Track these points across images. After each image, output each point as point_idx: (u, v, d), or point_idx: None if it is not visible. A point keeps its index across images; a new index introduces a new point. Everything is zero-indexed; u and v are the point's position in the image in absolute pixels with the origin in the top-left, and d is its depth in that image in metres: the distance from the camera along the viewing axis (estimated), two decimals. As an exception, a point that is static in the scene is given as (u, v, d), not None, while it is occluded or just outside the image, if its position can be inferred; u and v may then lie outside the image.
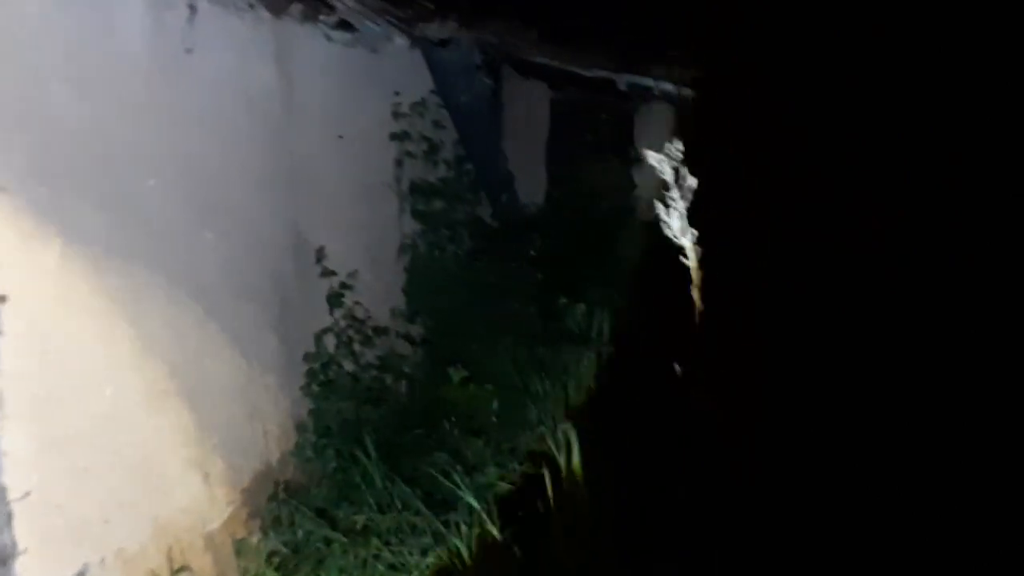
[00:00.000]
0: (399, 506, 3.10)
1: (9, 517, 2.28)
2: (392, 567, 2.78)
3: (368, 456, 3.27)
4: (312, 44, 4.24)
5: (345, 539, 2.91)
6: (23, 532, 2.30)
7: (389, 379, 4.17)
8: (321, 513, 3.09)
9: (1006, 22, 3.28)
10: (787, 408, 3.27)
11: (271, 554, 2.92)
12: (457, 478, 3.10)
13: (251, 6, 3.42)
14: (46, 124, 2.48)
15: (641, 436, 3.28)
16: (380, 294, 4.56)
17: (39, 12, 2.49)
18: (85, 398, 2.54)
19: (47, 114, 2.49)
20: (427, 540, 2.89)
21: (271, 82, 3.86)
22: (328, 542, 2.96)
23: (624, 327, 4.16)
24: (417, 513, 2.98)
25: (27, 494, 2.32)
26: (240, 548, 2.97)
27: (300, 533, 2.98)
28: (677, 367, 3.39)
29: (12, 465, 2.29)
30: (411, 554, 2.81)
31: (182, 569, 2.72)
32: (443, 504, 3.02)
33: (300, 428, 3.60)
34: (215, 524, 2.97)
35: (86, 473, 2.49)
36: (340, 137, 4.50)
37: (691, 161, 3.18)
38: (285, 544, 2.96)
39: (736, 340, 3.54)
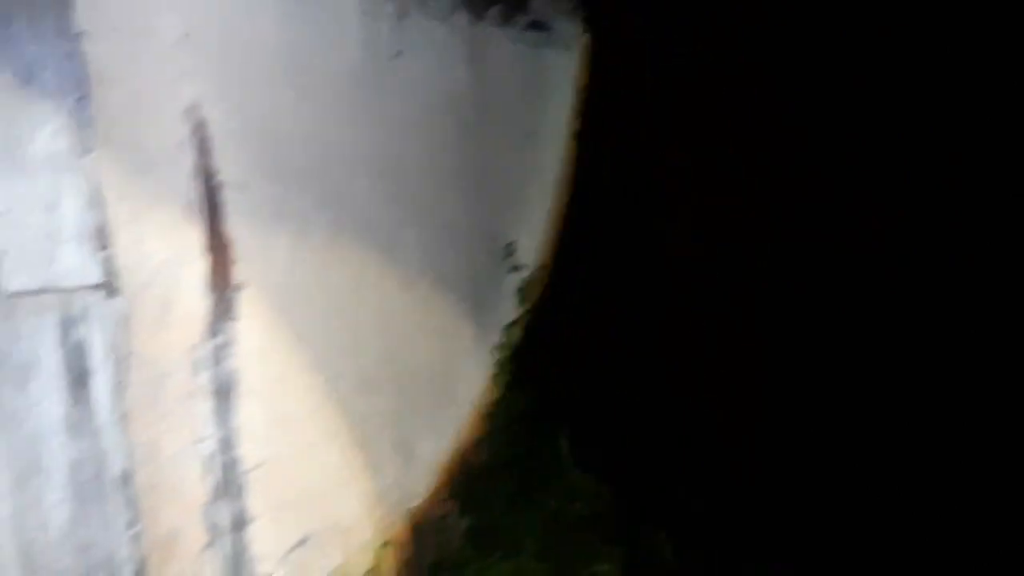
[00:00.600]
0: (588, 495, 3.16)
1: (243, 486, 2.52)
2: (585, 554, 2.84)
3: (558, 445, 3.35)
4: (501, 45, 4.39)
5: (538, 523, 3.00)
6: (255, 501, 2.54)
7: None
8: (513, 497, 3.20)
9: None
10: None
11: (468, 532, 3.05)
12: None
13: (452, 11, 3.58)
14: (277, 128, 2.73)
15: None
16: (564, 287, 4.65)
17: (272, 28, 2.73)
18: (308, 381, 2.76)
19: (278, 119, 2.73)
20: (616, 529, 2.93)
21: (465, 83, 4.04)
22: (521, 525, 3.06)
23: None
24: (610, 503, 3.03)
25: (259, 466, 2.55)
26: (440, 525, 3.13)
27: (495, 516, 3.10)
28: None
29: (246, 439, 2.54)
30: (603, 542, 2.86)
31: (388, 543, 2.90)
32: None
33: (490, 415, 3.74)
34: (417, 503, 3.15)
35: (309, 449, 2.70)
36: (528, 135, 4.63)
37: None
38: (481, 524, 3.09)
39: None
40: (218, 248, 2.54)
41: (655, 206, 4.33)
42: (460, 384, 3.56)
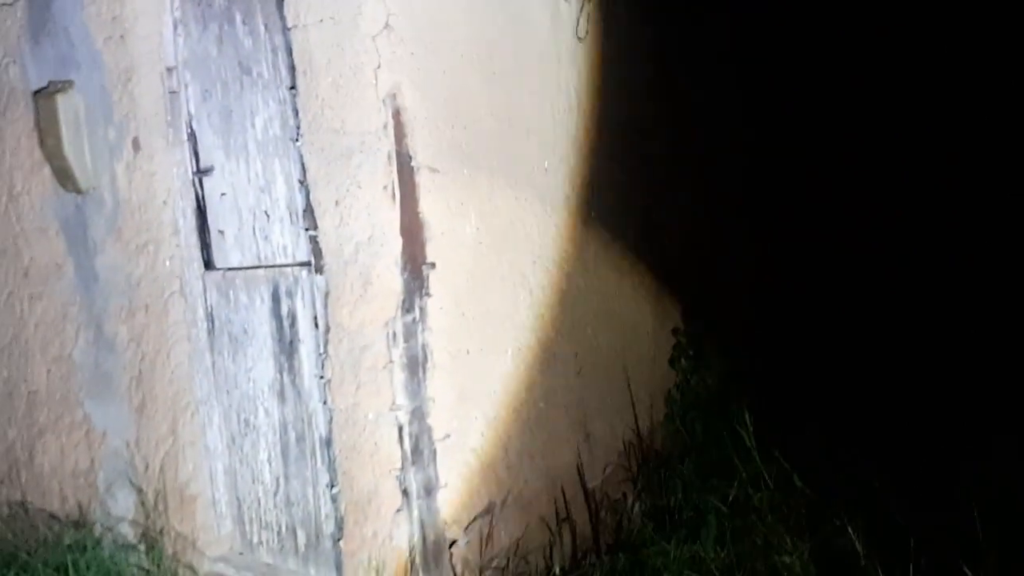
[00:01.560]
0: (771, 484, 3.08)
1: (434, 454, 2.64)
2: (768, 544, 2.78)
3: (739, 431, 3.28)
4: (683, 34, 4.34)
5: (723, 510, 2.96)
6: (444, 469, 2.65)
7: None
8: (693, 483, 3.17)
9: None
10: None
11: (645, 515, 3.06)
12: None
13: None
14: (467, 112, 2.82)
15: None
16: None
17: (463, 15, 2.83)
18: (492, 357, 2.85)
19: (468, 104, 2.83)
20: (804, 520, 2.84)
21: (643, 69, 4.02)
22: (700, 511, 3.03)
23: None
24: (795, 493, 2.94)
25: (447, 436, 2.67)
26: (616, 507, 3.15)
27: (673, 500, 3.09)
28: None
29: (436, 410, 2.65)
30: (787, 532, 2.78)
31: (566, 519, 2.95)
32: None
33: (669, 400, 3.73)
34: (594, 482, 3.18)
35: (493, 423, 2.80)
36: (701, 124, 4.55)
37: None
38: (659, 508, 3.08)
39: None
40: (412, 229, 2.66)
41: (836, 193, 4.16)
42: (639, 367, 3.56)
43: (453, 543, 2.63)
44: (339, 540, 2.72)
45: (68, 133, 3.24)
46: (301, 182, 2.84)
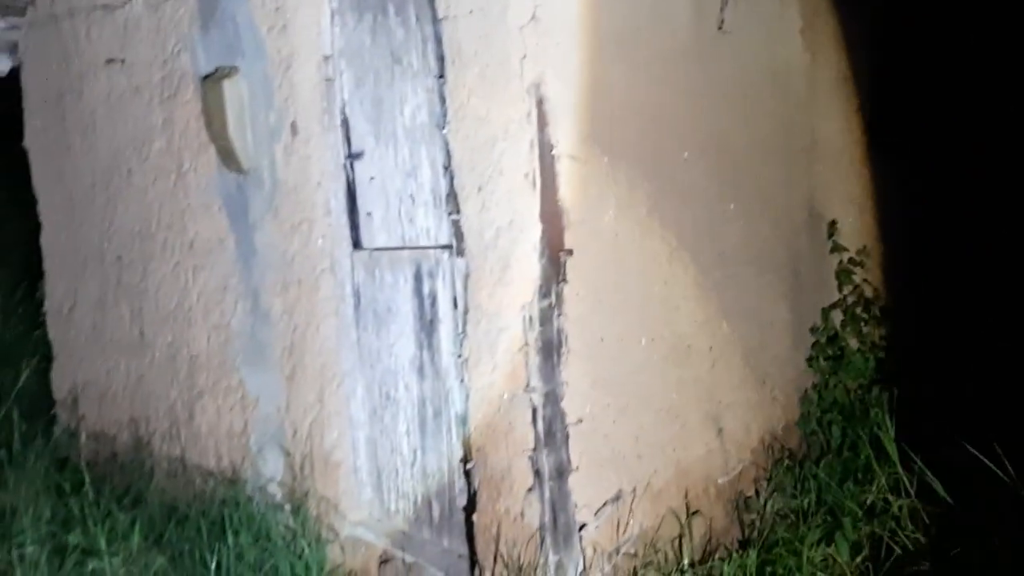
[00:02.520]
0: (912, 493, 2.97)
1: (566, 438, 2.68)
2: (906, 552, 2.68)
3: (879, 436, 3.17)
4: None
5: (860, 514, 2.88)
6: (575, 453, 2.69)
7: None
8: (828, 485, 3.09)
9: None
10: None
11: (779, 514, 3.01)
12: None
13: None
14: (609, 102, 2.84)
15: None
16: (890, 272, 4.37)
17: (605, 5, 2.84)
18: (626, 346, 2.87)
19: (610, 94, 2.84)
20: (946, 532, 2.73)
21: (794, 58, 3.90)
22: (835, 515, 2.96)
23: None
24: (938, 503, 2.82)
25: (580, 421, 2.71)
26: (748, 504, 3.12)
27: (807, 501, 3.03)
28: None
29: (570, 395, 2.69)
30: (928, 541, 2.67)
31: (696, 512, 2.95)
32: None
33: (805, 400, 3.63)
34: (725, 478, 3.16)
35: (625, 411, 2.82)
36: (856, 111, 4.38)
37: None
38: (793, 507, 3.03)
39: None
40: (551, 216, 2.70)
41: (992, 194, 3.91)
42: (775, 364, 3.49)
43: (583, 526, 2.67)
44: (472, 514, 2.82)
45: (233, 116, 3.46)
46: (446, 168, 2.94)
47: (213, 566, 2.81)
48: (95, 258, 4.46)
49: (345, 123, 3.36)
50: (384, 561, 3.14)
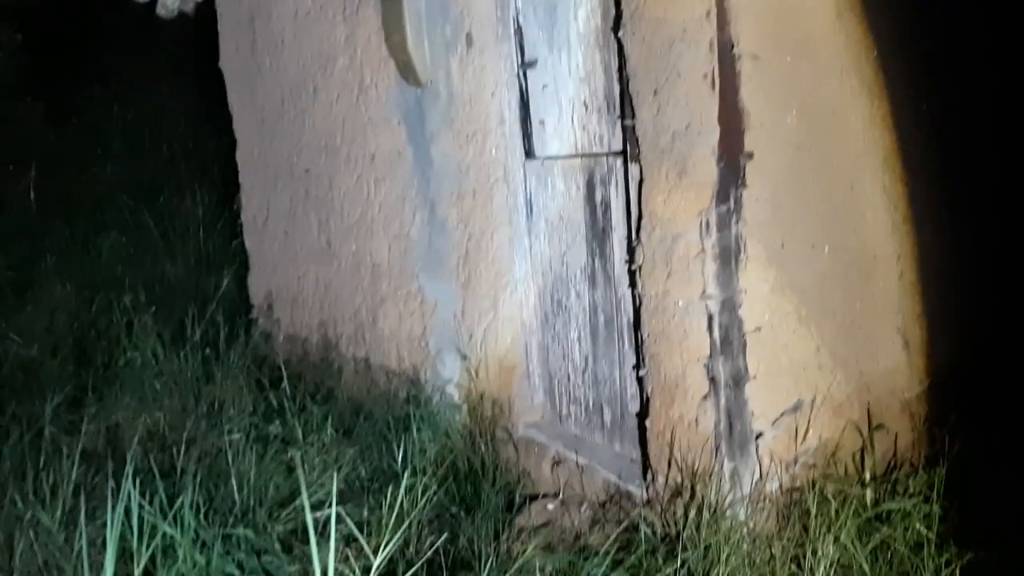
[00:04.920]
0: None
1: (743, 346, 2.64)
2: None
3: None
4: None
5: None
6: (753, 361, 2.64)
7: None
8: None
9: None
10: None
11: (968, 430, 2.85)
12: None
13: None
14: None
15: None
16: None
17: None
18: (808, 253, 2.76)
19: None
20: None
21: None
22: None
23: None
24: None
25: (758, 329, 2.65)
26: (937, 421, 2.96)
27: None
28: None
29: (748, 302, 2.63)
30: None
31: (880, 426, 2.84)
32: None
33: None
34: (912, 392, 3.01)
35: (806, 320, 2.73)
36: None
37: None
38: (985, 425, 2.86)
39: None
40: (731, 118, 2.61)
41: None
42: (972, 279, 3.25)
43: (760, 435, 2.64)
44: (644, 420, 2.85)
45: (411, 30, 3.53)
46: (620, 72, 2.88)
47: (400, 457, 3.01)
48: (285, 172, 4.74)
49: (519, 32, 3.35)
50: (556, 462, 3.24)
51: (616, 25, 2.84)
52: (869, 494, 2.59)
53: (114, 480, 2.33)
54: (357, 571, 2.14)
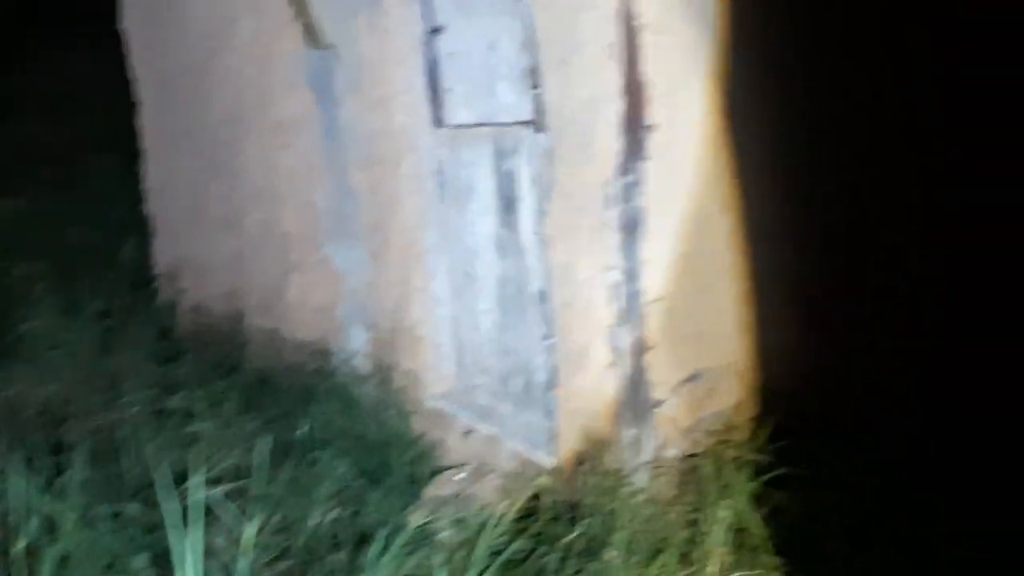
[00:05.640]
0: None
1: (645, 316, 2.67)
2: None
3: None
4: None
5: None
6: (654, 331, 2.69)
7: None
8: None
9: None
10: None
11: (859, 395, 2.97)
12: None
13: None
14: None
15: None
16: None
17: None
18: (710, 223, 2.80)
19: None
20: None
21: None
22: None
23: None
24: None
25: (659, 299, 2.69)
26: (831, 386, 3.07)
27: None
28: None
29: (649, 273, 2.66)
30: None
31: (777, 394, 2.92)
32: None
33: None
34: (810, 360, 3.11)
35: (707, 291, 2.78)
36: None
37: None
38: (879, 387, 2.98)
39: None
40: (634, 89, 2.61)
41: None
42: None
43: (660, 403, 2.69)
44: (551, 389, 2.87)
45: (315, -9, 3.43)
46: (528, 41, 2.85)
47: (304, 430, 2.97)
48: (190, 137, 4.58)
49: (426, -5, 3.28)
50: (466, 433, 3.25)
51: (524, -9, 2.81)
52: (765, 459, 2.68)
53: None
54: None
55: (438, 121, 3.33)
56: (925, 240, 3.12)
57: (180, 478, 2.92)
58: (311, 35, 3.51)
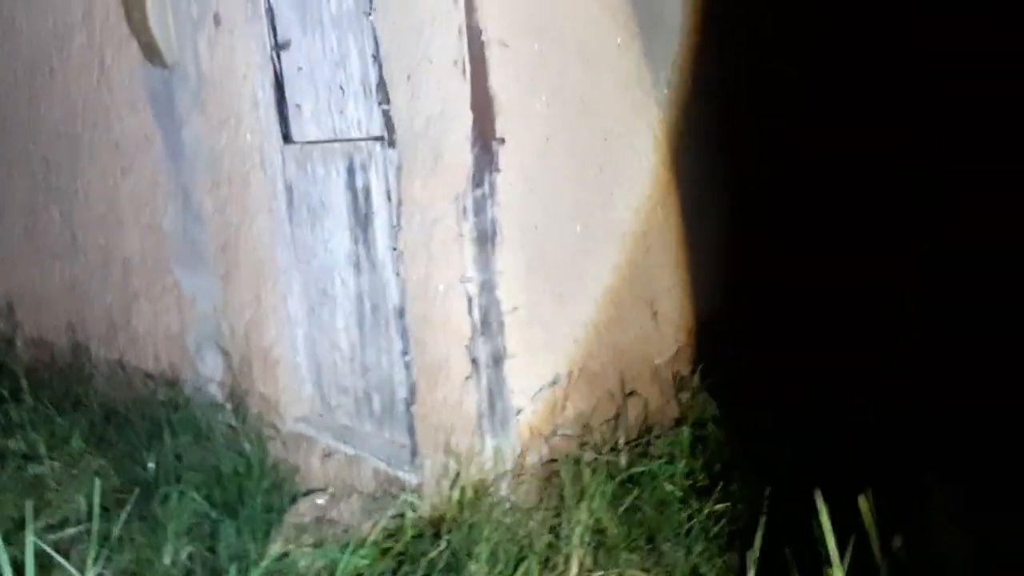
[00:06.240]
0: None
1: (502, 326, 2.70)
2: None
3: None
4: None
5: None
6: (512, 340, 2.72)
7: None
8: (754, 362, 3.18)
9: None
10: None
11: (711, 390, 3.09)
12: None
13: None
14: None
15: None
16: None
17: None
18: (561, 232, 2.86)
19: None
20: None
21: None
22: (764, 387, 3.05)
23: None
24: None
25: (515, 309, 2.72)
26: (682, 384, 3.19)
27: (738, 375, 3.11)
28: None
29: (505, 283, 2.70)
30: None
31: (633, 393, 3.02)
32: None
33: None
34: (662, 359, 3.22)
35: (561, 297, 2.83)
36: None
37: None
38: (723, 383, 3.11)
39: None
40: (482, 104, 2.65)
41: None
42: (705, 248, 3.52)
43: (520, 411, 2.72)
44: (412, 405, 2.85)
45: (153, 8, 3.30)
46: (374, 56, 2.84)
47: (152, 466, 2.83)
48: (22, 160, 4.31)
49: (270, 12, 3.22)
50: (327, 455, 3.18)
51: (368, 7, 2.80)
52: (622, 459, 2.75)
53: None
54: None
55: (287, 138, 3.26)
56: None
57: (19, 525, 2.73)
58: (150, 53, 3.37)
